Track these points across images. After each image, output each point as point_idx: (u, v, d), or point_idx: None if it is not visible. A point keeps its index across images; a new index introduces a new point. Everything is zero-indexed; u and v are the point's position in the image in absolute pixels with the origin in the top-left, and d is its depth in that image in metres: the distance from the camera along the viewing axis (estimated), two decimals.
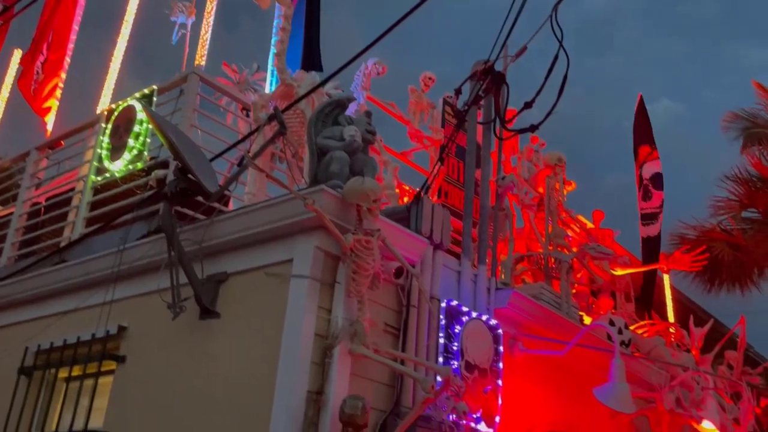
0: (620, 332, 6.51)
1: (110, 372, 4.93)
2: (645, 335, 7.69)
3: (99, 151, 6.07)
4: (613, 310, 7.88)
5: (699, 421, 5.61)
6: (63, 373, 5.26)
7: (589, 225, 9.13)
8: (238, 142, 5.03)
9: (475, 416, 4.53)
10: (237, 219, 4.47)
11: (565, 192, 8.09)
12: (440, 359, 4.54)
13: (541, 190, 7.46)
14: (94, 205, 5.98)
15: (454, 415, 4.29)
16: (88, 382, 4.96)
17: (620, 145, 10.53)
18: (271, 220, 4.24)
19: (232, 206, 5.59)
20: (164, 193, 4.39)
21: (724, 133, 13.01)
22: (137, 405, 4.64)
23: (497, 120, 5.60)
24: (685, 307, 10.76)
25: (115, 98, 6.60)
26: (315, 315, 3.98)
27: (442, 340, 4.61)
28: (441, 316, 4.66)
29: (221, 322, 4.36)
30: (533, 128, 5.34)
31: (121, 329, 4.91)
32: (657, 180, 9.98)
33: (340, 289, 4.09)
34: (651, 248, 9.91)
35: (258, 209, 4.39)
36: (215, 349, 4.35)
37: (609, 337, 5.41)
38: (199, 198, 4.59)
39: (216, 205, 4.58)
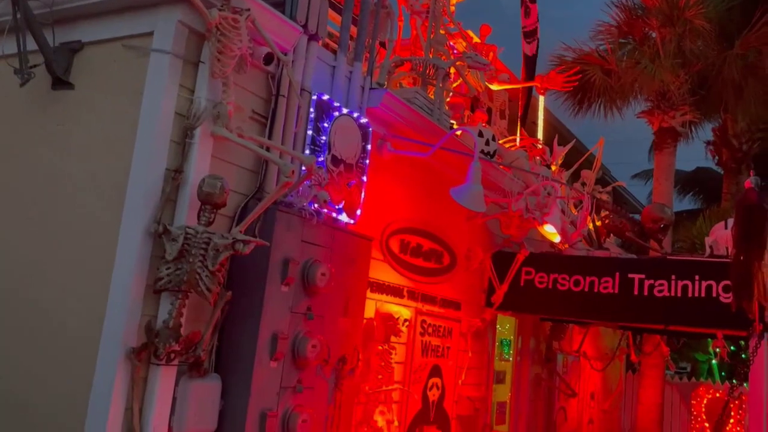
0: (487, 143, 6.77)
1: None
2: (511, 149, 8.09)
3: None
4: (485, 124, 8.17)
5: (542, 224, 6.15)
6: None
7: (476, 39, 9.13)
8: None
9: (337, 207, 4.71)
10: None
11: (453, 1, 7.96)
12: (306, 151, 4.59)
13: None
14: None
15: (316, 204, 4.42)
16: None
17: None
18: None
19: None
20: None
21: None
22: None
23: None
24: (553, 128, 11.33)
25: None
26: (176, 93, 3.83)
27: (310, 132, 4.63)
28: (311, 109, 4.64)
29: (76, 94, 4.13)
30: None
31: None
32: None
33: (205, 69, 3.93)
34: (531, 66, 10.14)
35: None
36: (69, 122, 4.15)
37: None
38: None
39: None
